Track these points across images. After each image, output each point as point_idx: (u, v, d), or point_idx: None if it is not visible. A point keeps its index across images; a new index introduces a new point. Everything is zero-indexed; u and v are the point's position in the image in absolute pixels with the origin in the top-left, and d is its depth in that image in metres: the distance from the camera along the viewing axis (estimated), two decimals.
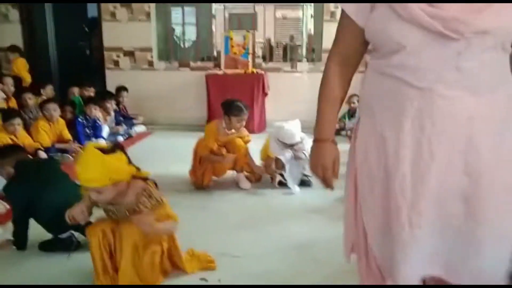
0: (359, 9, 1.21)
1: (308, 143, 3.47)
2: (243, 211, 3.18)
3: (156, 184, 2.09)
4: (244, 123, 3.54)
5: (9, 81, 4.65)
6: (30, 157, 3.13)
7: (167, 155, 4.70)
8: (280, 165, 3.51)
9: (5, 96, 4.28)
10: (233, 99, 3.61)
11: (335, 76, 1.30)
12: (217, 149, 3.54)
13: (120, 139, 5.30)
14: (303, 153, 3.47)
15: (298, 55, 6.54)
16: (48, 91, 5.27)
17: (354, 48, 1.27)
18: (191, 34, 6.94)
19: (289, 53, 6.47)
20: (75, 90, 5.64)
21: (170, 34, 6.68)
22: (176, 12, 6.72)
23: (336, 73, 1.29)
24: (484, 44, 1.06)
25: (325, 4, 5.99)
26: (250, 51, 6.06)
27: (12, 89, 4.71)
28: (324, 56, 6.08)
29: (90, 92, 5.74)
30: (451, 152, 1.12)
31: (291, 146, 3.51)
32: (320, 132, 1.32)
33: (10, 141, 3.82)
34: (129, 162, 1.99)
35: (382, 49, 1.20)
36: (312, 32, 6.68)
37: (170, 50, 6.66)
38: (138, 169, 2.04)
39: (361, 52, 1.29)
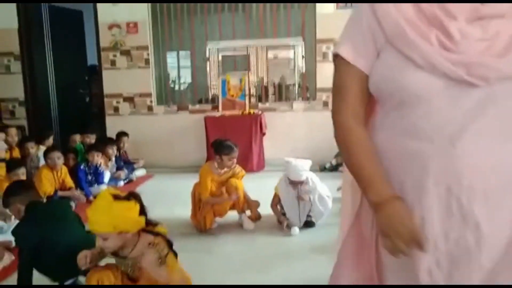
0: (360, 53, 1.10)
1: (314, 184, 3.54)
2: (248, 252, 3.20)
3: (170, 243, 2.03)
4: (235, 160, 3.64)
5: (13, 131, 4.75)
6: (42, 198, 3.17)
7: (169, 197, 4.74)
8: (276, 200, 3.61)
9: (7, 147, 4.35)
10: (222, 139, 3.75)
11: (356, 127, 1.12)
12: (216, 190, 3.61)
13: (121, 184, 5.36)
14: (309, 196, 3.49)
15: (292, 94, 6.71)
16: (50, 140, 5.36)
17: (361, 98, 1.13)
18: (186, 77, 7.15)
19: (284, 92, 6.64)
20: (77, 138, 5.73)
21: (166, 78, 6.86)
22: (171, 56, 6.95)
23: (355, 125, 1.12)
24: (508, 89, 0.97)
25: (317, 45, 6.22)
26: (247, 92, 6.23)
27: (16, 139, 4.81)
28: (319, 95, 6.27)
29: (92, 139, 5.84)
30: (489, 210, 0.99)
31: (296, 184, 3.50)
32: (378, 192, 1.05)
33: None
34: (143, 212, 1.95)
35: (390, 101, 1.08)
36: (304, 71, 6.88)
37: (168, 94, 6.82)
38: (155, 224, 2.03)
39: (366, 104, 1.16)
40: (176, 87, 6.98)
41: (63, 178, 4.56)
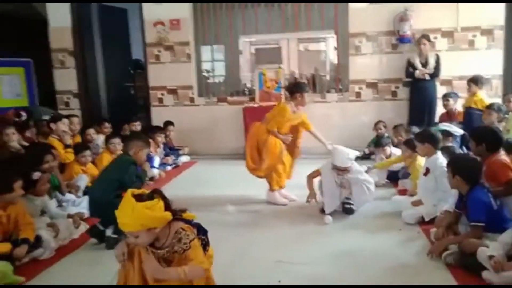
0: None
1: (358, 173, 3.73)
2: (294, 225, 3.58)
3: (199, 228, 2.13)
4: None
5: (75, 120, 5.29)
6: None
7: (212, 180, 5.21)
8: (316, 174, 3.87)
9: (71, 134, 4.88)
10: (297, 80, 4.26)
11: None
12: (288, 132, 4.18)
13: (169, 168, 5.86)
14: (350, 185, 3.68)
15: (324, 85, 7.01)
16: (107, 128, 5.90)
17: None
18: (220, 70, 7.57)
19: (318, 85, 6.95)
20: (126, 127, 6.24)
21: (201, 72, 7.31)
22: (206, 50, 7.39)
23: None
24: None
25: (350, 39, 6.50)
26: (282, 85, 6.60)
27: (78, 127, 5.35)
28: (352, 86, 6.56)
29: (137, 126, 6.33)
30: None
31: (340, 170, 3.65)
32: None
33: (82, 172, 4.40)
34: (167, 207, 2.01)
35: None
36: (336, 63, 7.16)
37: (208, 87, 7.27)
38: (183, 210, 2.12)
39: None
40: (210, 80, 7.41)
41: None
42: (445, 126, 4.82)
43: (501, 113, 4.64)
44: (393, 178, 4.70)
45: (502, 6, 6.00)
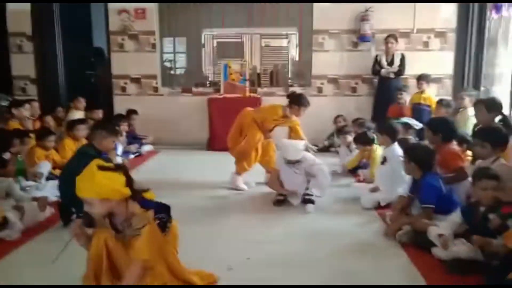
0: None
1: (309, 161, 3.78)
2: (260, 210, 3.76)
3: (158, 207, 2.12)
4: None
5: (36, 104, 5.17)
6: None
7: (175, 169, 5.27)
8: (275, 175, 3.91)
9: (33, 118, 4.77)
10: (301, 93, 4.50)
11: None
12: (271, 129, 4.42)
13: (131, 157, 5.84)
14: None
15: (284, 80, 7.21)
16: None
17: None
18: (181, 62, 7.61)
19: (276, 79, 7.14)
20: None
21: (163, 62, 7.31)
22: (169, 42, 7.40)
23: None
24: None
25: (314, 35, 6.72)
26: (247, 77, 6.73)
27: (39, 112, 5.23)
28: (313, 81, 6.79)
29: (99, 113, 6.22)
30: None
31: (292, 163, 3.74)
32: None
33: (44, 158, 4.32)
34: (128, 184, 2.01)
35: None
36: (297, 59, 7.36)
37: (170, 78, 7.27)
38: (144, 191, 2.12)
39: None
40: (172, 71, 7.43)
41: None
42: (406, 119, 5.16)
43: (449, 108, 5.01)
44: (353, 169, 4.94)
45: (455, 10, 6.41)
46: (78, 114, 5.52)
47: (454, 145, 3.39)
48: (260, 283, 2.37)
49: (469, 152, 3.75)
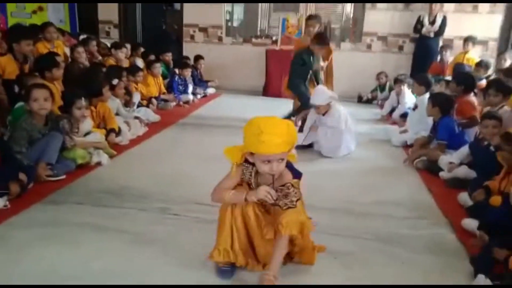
0: None
1: (332, 116, 3.93)
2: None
3: (294, 172, 1.94)
4: None
5: (128, 47, 6.20)
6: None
7: (234, 110, 6.13)
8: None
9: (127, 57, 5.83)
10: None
11: None
12: None
13: (198, 97, 6.82)
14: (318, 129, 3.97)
15: (337, 35, 7.79)
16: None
17: None
18: (238, 14, 8.30)
19: (328, 33, 7.72)
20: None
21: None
22: None
23: None
24: None
25: None
26: (303, 31, 7.39)
27: (129, 53, 6.27)
28: (364, 38, 7.36)
29: (169, 57, 7.13)
30: None
31: (318, 109, 3.96)
32: None
33: (135, 90, 5.36)
34: None
35: None
36: (351, 16, 7.87)
37: (228, 30, 8.06)
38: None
39: None
40: (229, 23, 8.18)
41: (160, 84, 6.04)
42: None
43: (487, 69, 5.52)
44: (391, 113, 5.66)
45: None
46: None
47: (472, 96, 4.05)
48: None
49: None
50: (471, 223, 2.50)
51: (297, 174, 1.94)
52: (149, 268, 2.01)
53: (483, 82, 4.98)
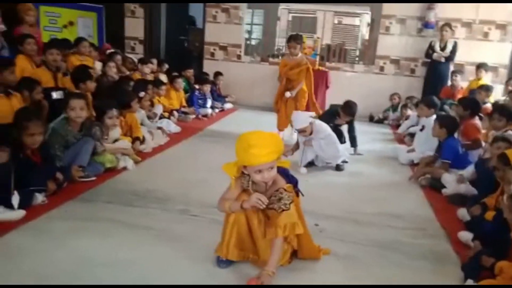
0: None
1: (318, 131, 4.05)
2: None
3: (288, 176, 2.21)
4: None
5: (155, 61, 6.58)
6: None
7: (249, 124, 6.36)
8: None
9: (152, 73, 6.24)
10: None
11: None
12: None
13: (216, 111, 7.14)
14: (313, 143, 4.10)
15: (352, 57, 8.08)
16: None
17: None
18: (257, 33, 8.64)
19: (343, 55, 8.03)
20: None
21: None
22: (248, 14, 8.39)
23: None
24: None
25: (382, 19, 7.52)
26: (318, 52, 7.72)
27: (155, 68, 6.66)
28: (377, 61, 7.63)
29: (190, 73, 7.52)
30: None
31: (299, 132, 4.10)
32: None
33: (158, 102, 5.69)
34: None
35: None
36: (366, 38, 8.18)
37: (247, 48, 8.40)
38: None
39: None
40: (248, 42, 8.54)
41: (181, 98, 6.39)
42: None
43: (489, 92, 5.78)
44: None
45: None
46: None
47: (476, 119, 4.27)
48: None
49: None
50: (466, 235, 2.71)
51: (291, 180, 2.18)
52: (170, 259, 2.28)
53: (488, 106, 5.20)
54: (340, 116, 4.70)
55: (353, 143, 4.85)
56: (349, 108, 4.66)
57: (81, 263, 2.17)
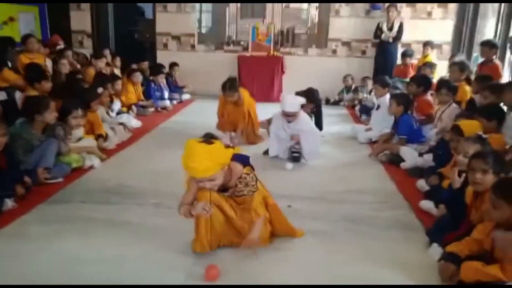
0: None
1: (303, 122, 3.97)
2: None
3: (252, 168, 2.30)
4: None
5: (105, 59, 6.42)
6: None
7: (208, 114, 6.42)
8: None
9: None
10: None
11: None
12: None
13: (174, 102, 7.08)
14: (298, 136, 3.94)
15: (303, 41, 8.22)
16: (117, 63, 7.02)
17: None
18: (207, 21, 8.59)
19: (295, 39, 8.17)
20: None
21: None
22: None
23: None
24: None
25: (331, 4, 7.70)
26: (272, 38, 7.81)
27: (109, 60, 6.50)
28: (330, 43, 7.83)
29: (146, 66, 7.37)
30: None
31: (288, 116, 3.93)
32: None
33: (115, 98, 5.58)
34: (226, 145, 2.14)
35: None
36: (316, 22, 8.33)
37: (205, 36, 8.37)
38: (231, 147, 2.21)
39: None
40: (199, 31, 8.48)
41: (139, 92, 6.29)
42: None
43: (433, 69, 6.12)
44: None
45: None
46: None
47: (429, 96, 4.56)
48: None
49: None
50: (426, 204, 2.94)
51: (244, 161, 2.26)
52: (152, 252, 2.32)
53: (434, 81, 5.54)
54: (303, 106, 4.68)
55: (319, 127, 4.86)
56: (311, 94, 4.73)
57: (70, 263, 2.19)
